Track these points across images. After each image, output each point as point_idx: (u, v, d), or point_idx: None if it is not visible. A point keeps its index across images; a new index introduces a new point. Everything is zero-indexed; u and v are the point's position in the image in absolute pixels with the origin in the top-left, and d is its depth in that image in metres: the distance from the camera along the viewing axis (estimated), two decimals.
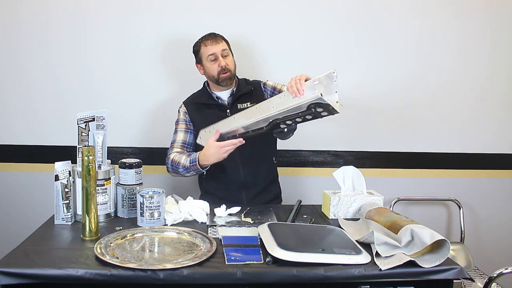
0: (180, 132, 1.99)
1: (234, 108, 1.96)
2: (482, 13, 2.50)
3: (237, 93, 1.99)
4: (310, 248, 1.27)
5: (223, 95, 2.00)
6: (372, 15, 2.44)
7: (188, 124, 2.00)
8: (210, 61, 1.93)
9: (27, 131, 2.38)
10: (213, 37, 1.94)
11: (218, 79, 1.93)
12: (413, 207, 2.64)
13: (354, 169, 1.72)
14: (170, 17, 2.35)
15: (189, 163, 1.85)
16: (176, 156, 1.90)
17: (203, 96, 2.02)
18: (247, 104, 1.97)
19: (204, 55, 1.94)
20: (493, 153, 2.63)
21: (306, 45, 2.43)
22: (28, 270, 1.15)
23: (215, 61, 1.92)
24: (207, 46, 1.92)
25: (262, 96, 2.02)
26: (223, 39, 1.96)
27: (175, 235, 1.42)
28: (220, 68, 1.91)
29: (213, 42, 1.92)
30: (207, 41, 1.93)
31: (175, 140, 1.99)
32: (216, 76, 1.93)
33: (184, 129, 1.99)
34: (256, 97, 2.00)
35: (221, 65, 1.91)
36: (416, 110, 2.54)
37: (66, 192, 1.50)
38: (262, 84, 2.06)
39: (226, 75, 1.92)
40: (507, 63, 2.56)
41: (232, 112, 1.94)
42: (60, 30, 2.32)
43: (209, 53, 1.92)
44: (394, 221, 1.37)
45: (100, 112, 1.59)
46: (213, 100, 1.99)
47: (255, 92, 2.02)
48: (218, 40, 1.94)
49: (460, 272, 1.23)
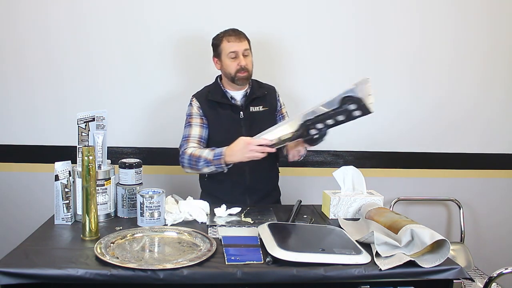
0: (196, 126, 1.91)
1: (247, 111, 1.93)
2: (482, 13, 2.50)
3: (251, 96, 1.94)
4: (310, 248, 1.27)
5: (237, 95, 1.95)
6: (371, 15, 2.45)
7: (203, 118, 1.93)
8: (230, 58, 1.87)
9: (27, 131, 2.38)
10: (237, 34, 1.88)
11: (234, 77, 1.88)
12: (413, 207, 2.64)
13: (354, 169, 1.72)
14: (171, 17, 2.35)
15: (212, 156, 1.74)
16: (196, 150, 1.81)
17: (217, 93, 1.94)
18: (260, 107, 1.95)
19: (224, 50, 1.88)
20: (493, 153, 2.63)
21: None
22: (28, 270, 1.15)
23: (235, 59, 1.86)
24: (229, 42, 1.86)
25: (276, 102, 2.01)
26: (246, 38, 1.90)
27: (175, 235, 1.42)
28: (239, 67, 1.86)
29: (237, 40, 1.86)
30: (230, 37, 1.87)
31: (190, 134, 1.90)
32: (233, 74, 1.87)
33: (200, 123, 1.92)
34: (269, 102, 1.98)
35: (240, 64, 1.86)
36: (416, 110, 2.54)
37: (66, 192, 1.50)
38: (277, 91, 2.04)
39: (244, 75, 1.87)
40: (506, 63, 2.56)
41: (245, 115, 1.91)
42: (61, 30, 2.32)
43: (231, 50, 1.86)
44: (394, 221, 1.36)
45: (100, 112, 1.58)
46: (227, 99, 1.93)
47: (269, 97, 1.99)
48: (242, 38, 1.88)
49: (460, 272, 1.23)
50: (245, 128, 1.91)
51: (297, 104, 2.38)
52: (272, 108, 2.00)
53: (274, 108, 2.01)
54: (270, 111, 1.99)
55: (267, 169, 1.97)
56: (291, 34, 2.43)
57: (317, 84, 2.46)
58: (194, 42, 2.36)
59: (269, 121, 1.94)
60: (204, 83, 2.01)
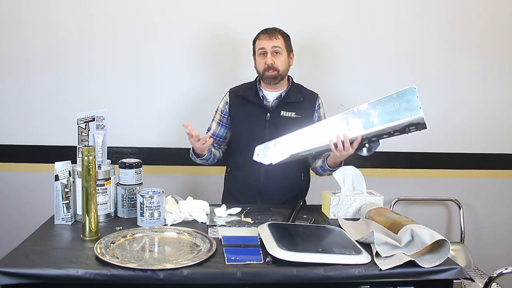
0: (215, 122, 1.97)
1: (276, 113, 1.87)
2: (484, 13, 2.50)
3: (285, 99, 1.89)
4: (310, 248, 1.27)
5: (270, 95, 1.91)
6: (368, 15, 2.45)
7: (223, 116, 1.96)
8: (259, 55, 1.86)
9: (27, 131, 2.38)
10: (270, 31, 1.86)
11: (262, 76, 1.86)
12: (413, 207, 2.64)
13: (354, 169, 1.72)
14: (171, 17, 2.35)
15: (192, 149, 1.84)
16: None
17: (250, 91, 1.92)
18: (292, 113, 1.87)
19: (256, 48, 1.88)
20: (493, 153, 2.63)
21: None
22: (28, 270, 1.15)
23: (264, 57, 1.85)
24: (260, 40, 1.86)
25: (312, 112, 1.92)
26: (281, 35, 1.86)
27: (175, 235, 1.42)
28: (266, 65, 1.83)
29: (266, 37, 1.84)
30: (262, 35, 1.86)
31: (210, 128, 1.98)
32: (261, 72, 1.86)
33: (218, 120, 1.97)
34: (304, 110, 1.89)
35: (267, 63, 1.83)
36: None
37: (66, 192, 1.50)
38: (319, 100, 1.95)
39: (271, 74, 1.83)
40: (507, 63, 2.56)
41: (273, 117, 1.86)
42: (60, 30, 2.32)
43: (260, 47, 1.85)
44: (394, 221, 1.36)
45: (100, 112, 1.58)
46: (257, 98, 1.89)
47: (305, 104, 1.90)
48: (272, 36, 1.84)
49: (460, 272, 1.23)
50: (269, 130, 1.85)
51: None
52: (307, 118, 1.90)
53: (310, 118, 1.91)
54: (303, 119, 1.87)
55: (286, 175, 1.86)
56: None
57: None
58: (196, 42, 2.36)
59: None
60: (205, 84, 2.01)
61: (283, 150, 1.67)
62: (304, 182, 2.00)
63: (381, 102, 1.61)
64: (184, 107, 2.29)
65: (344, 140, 1.62)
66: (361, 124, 1.62)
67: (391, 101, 1.60)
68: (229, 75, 2.31)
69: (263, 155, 1.68)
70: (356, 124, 1.62)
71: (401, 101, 1.60)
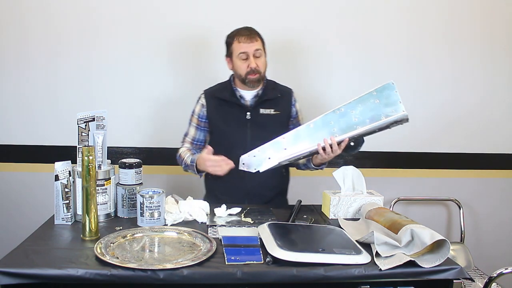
0: (192, 127, 1.95)
1: (256, 112, 1.87)
2: (485, 13, 2.50)
3: (263, 97, 1.88)
4: (310, 248, 1.27)
5: (247, 95, 1.89)
6: (367, 15, 2.45)
7: (200, 120, 1.93)
8: (240, 59, 1.81)
9: (27, 131, 2.38)
10: (249, 33, 1.81)
11: (245, 79, 1.83)
12: (413, 207, 2.64)
13: (354, 169, 1.72)
14: (171, 17, 2.35)
15: (190, 161, 1.83)
16: (184, 152, 1.90)
17: (226, 91, 1.90)
18: (271, 110, 1.88)
19: (235, 51, 1.82)
20: (493, 153, 2.63)
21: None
22: (28, 270, 1.15)
23: (245, 60, 1.81)
24: (240, 43, 1.80)
25: (289, 107, 1.93)
26: (258, 37, 1.84)
27: (175, 235, 1.42)
28: (250, 69, 1.81)
29: (247, 40, 1.80)
30: (241, 37, 1.80)
31: (187, 133, 1.97)
32: (244, 76, 1.82)
33: (196, 124, 1.94)
34: (282, 106, 1.91)
35: (250, 66, 1.80)
36: (416, 110, 2.54)
37: (66, 192, 1.50)
38: (294, 95, 1.96)
39: (255, 77, 1.82)
40: (507, 63, 2.56)
41: (253, 116, 1.86)
42: (60, 30, 2.32)
43: (241, 51, 1.80)
44: (394, 221, 1.36)
45: (100, 112, 1.58)
46: (235, 98, 1.88)
47: (282, 100, 1.92)
48: (253, 39, 1.81)
49: (460, 272, 1.23)
50: (250, 129, 1.86)
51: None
52: (285, 113, 1.92)
53: (288, 113, 1.93)
54: (282, 115, 1.91)
55: (268, 176, 1.80)
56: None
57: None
58: (196, 43, 2.36)
59: (279, 126, 1.89)
60: (205, 84, 2.00)
61: (269, 157, 1.68)
62: (286, 178, 2.03)
63: (361, 100, 1.64)
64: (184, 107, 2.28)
65: (332, 143, 1.64)
66: (345, 124, 1.65)
67: (371, 98, 1.64)
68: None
69: (249, 163, 1.69)
70: (340, 124, 1.65)
71: (381, 97, 1.63)
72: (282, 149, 1.67)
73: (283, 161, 1.68)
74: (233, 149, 1.76)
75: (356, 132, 1.63)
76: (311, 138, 1.66)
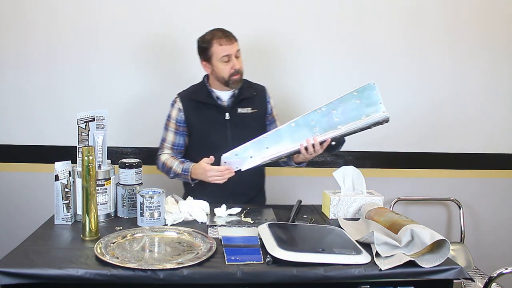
0: (171, 132, 1.93)
1: (234, 112, 1.88)
2: (485, 13, 2.50)
3: (239, 96, 1.89)
4: (310, 248, 1.27)
5: (224, 95, 1.90)
6: (366, 17, 2.45)
7: (179, 125, 1.92)
8: (223, 62, 1.81)
9: (27, 131, 2.38)
10: (227, 36, 1.81)
11: (228, 81, 1.83)
12: (413, 207, 2.64)
13: (354, 169, 1.72)
14: (171, 17, 2.35)
15: (181, 170, 1.82)
16: (169, 160, 1.87)
17: (202, 93, 1.90)
18: (248, 109, 1.90)
19: (216, 54, 1.81)
20: (493, 153, 2.63)
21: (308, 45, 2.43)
22: (28, 270, 1.15)
23: (228, 63, 1.81)
24: (221, 46, 1.79)
25: (265, 104, 1.96)
26: (235, 39, 1.84)
27: (175, 235, 1.42)
28: (234, 70, 1.81)
29: (228, 42, 1.80)
30: (221, 40, 1.79)
31: (165, 139, 1.94)
32: (227, 77, 1.83)
33: (174, 129, 1.92)
34: (258, 103, 1.93)
35: (235, 68, 1.81)
36: (416, 110, 2.54)
37: (66, 192, 1.50)
38: (267, 92, 1.99)
39: (238, 77, 1.83)
40: (508, 64, 2.56)
41: (232, 116, 1.87)
42: (60, 30, 2.32)
43: (224, 54, 1.79)
44: (394, 221, 1.37)
45: (100, 112, 1.58)
46: (212, 99, 1.89)
47: (258, 98, 1.94)
48: (232, 40, 1.82)
49: (460, 272, 1.23)
50: (230, 129, 1.87)
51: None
52: (262, 111, 1.95)
53: (264, 110, 1.96)
54: (259, 113, 1.93)
55: (251, 174, 1.80)
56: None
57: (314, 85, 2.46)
58: (191, 40, 2.36)
59: (258, 124, 1.92)
60: None
61: (250, 155, 1.69)
62: (263, 175, 2.05)
63: (343, 99, 1.66)
64: None
65: (315, 143, 1.65)
66: (327, 123, 1.67)
67: (353, 98, 1.66)
68: None
69: (231, 162, 1.70)
70: (322, 123, 1.67)
71: (362, 97, 1.65)
72: (264, 148, 1.68)
73: (266, 161, 1.69)
74: (215, 150, 1.74)
75: (338, 132, 1.66)
76: (293, 137, 1.68)
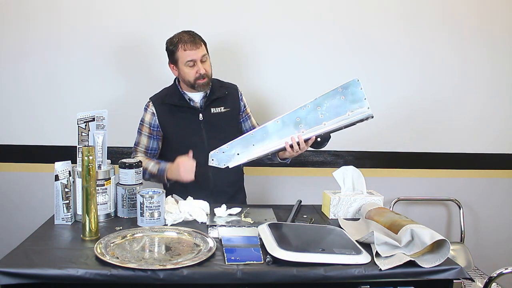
0: (144, 136, 1.93)
1: (207, 112, 1.89)
2: (485, 14, 2.50)
3: (211, 97, 1.90)
4: (310, 248, 1.27)
5: (196, 96, 1.90)
6: (367, 18, 2.45)
7: (152, 129, 1.92)
8: (188, 66, 1.81)
9: (27, 131, 2.38)
10: (193, 40, 1.80)
11: (194, 84, 1.84)
12: (413, 207, 2.64)
13: (354, 169, 1.72)
14: (170, 16, 2.35)
15: (156, 171, 1.83)
16: (144, 161, 1.85)
17: (174, 96, 1.90)
18: (221, 108, 1.91)
19: (181, 59, 1.82)
20: (493, 153, 2.63)
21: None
22: (28, 270, 1.15)
23: (193, 67, 1.81)
24: (186, 51, 1.80)
25: (238, 102, 1.97)
26: (202, 42, 1.84)
27: (175, 235, 1.42)
28: (198, 74, 1.82)
29: (193, 47, 1.79)
30: (186, 45, 1.79)
31: (138, 143, 1.94)
32: (193, 81, 1.83)
33: (148, 133, 1.93)
34: (231, 102, 1.94)
35: (200, 72, 1.81)
36: (416, 110, 2.54)
37: (66, 192, 1.50)
38: (239, 90, 2.00)
39: (204, 81, 1.83)
40: (508, 64, 2.56)
41: (205, 117, 1.88)
42: (60, 30, 2.32)
43: (188, 59, 1.80)
44: (394, 221, 1.37)
45: (100, 112, 1.59)
46: (185, 101, 1.89)
47: (230, 97, 1.95)
48: (198, 44, 1.81)
49: (460, 272, 1.23)
50: (205, 130, 1.88)
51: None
52: (235, 109, 1.96)
53: (237, 109, 1.97)
54: (232, 112, 1.94)
55: (231, 172, 1.79)
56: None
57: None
58: None
59: (232, 123, 1.94)
60: None
61: (237, 152, 1.71)
62: (242, 172, 2.07)
63: (327, 96, 1.69)
64: None
65: (300, 141, 1.68)
66: (312, 120, 1.70)
67: (337, 95, 1.68)
68: None
69: (218, 159, 1.71)
70: (307, 120, 1.70)
71: (347, 94, 1.68)
72: (250, 145, 1.71)
73: (252, 158, 1.72)
74: (192, 152, 1.76)
75: (323, 129, 1.69)
76: (279, 134, 1.71)
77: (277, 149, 1.72)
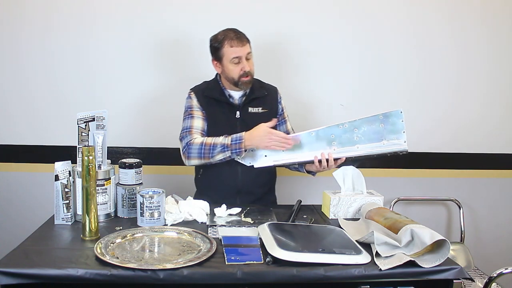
0: (198, 118, 1.87)
1: (245, 111, 1.89)
2: (486, 16, 2.50)
3: (250, 96, 1.89)
4: (310, 248, 1.27)
5: (236, 94, 1.90)
6: (370, 18, 2.45)
7: (202, 111, 1.89)
8: (233, 63, 1.81)
9: (27, 131, 2.38)
10: (239, 37, 1.81)
11: (238, 82, 1.83)
12: (413, 207, 2.64)
13: (354, 169, 1.72)
14: (170, 17, 2.35)
15: (230, 141, 1.73)
16: (208, 138, 1.78)
17: (215, 91, 1.90)
18: (259, 109, 1.90)
19: (227, 55, 1.81)
20: (493, 153, 2.63)
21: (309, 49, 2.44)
22: (28, 270, 1.15)
23: (238, 64, 1.81)
24: (232, 47, 1.79)
25: (276, 105, 1.96)
26: (247, 40, 1.84)
27: (175, 235, 1.42)
28: (243, 72, 1.81)
29: (239, 44, 1.79)
30: (233, 42, 1.79)
31: (192, 126, 1.85)
32: (237, 79, 1.83)
33: (201, 116, 1.88)
34: (269, 104, 1.93)
35: (244, 70, 1.81)
36: (416, 110, 2.54)
37: (66, 192, 1.50)
38: (279, 93, 2.00)
39: (247, 79, 1.83)
40: (508, 64, 2.56)
41: (242, 115, 1.87)
42: (60, 30, 2.32)
43: (234, 55, 1.79)
44: (394, 221, 1.37)
45: (100, 112, 1.59)
46: (224, 97, 1.89)
47: (269, 98, 1.94)
48: (244, 42, 1.81)
49: (460, 272, 1.23)
50: (240, 128, 1.86)
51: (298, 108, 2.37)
52: (272, 111, 1.94)
53: (275, 111, 1.96)
54: (270, 113, 1.92)
55: (262, 173, 1.83)
56: (295, 33, 2.41)
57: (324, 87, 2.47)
58: (194, 40, 2.36)
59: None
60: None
61: (265, 154, 1.73)
62: (274, 175, 2.05)
63: (367, 120, 1.70)
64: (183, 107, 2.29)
65: (329, 159, 1.69)
66: (346, 140, 1.70)
67: (377, 122, 1.69)
68: None
69: (245, 156, 1.73)
70: (341, 139, 1.70)
71: (386, 123, 1.69)
72: (280, 150, 1.71)
73: (278, 164, 1.72)
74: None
75: (355, 152, 1.69)
76: (310, 146, 1.72)
77: (305, 160, 1.72)
